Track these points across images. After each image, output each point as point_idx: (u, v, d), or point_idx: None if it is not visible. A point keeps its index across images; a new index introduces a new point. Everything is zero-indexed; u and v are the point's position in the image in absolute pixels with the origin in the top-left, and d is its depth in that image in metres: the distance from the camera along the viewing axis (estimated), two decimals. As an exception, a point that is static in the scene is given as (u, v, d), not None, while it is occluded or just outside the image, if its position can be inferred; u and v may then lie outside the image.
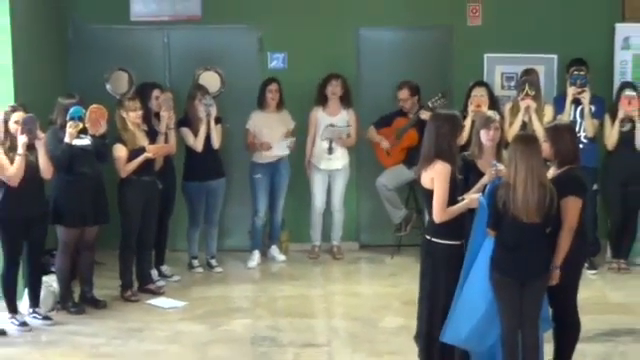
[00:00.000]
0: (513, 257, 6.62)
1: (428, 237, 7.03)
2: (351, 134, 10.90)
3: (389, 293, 9.76)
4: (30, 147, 8.40)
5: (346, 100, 10.89)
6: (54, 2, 10.82)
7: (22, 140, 8.31)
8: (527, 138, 6.90)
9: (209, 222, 10.54)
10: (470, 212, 6.92)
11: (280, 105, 10.74)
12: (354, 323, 8.80)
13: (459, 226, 6.94)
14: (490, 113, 8.09)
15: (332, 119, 10.84)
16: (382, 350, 8.05)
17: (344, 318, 9.03)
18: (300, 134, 10.86)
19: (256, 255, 10.86)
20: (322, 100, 10.87)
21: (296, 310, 9.24)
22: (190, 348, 8.19)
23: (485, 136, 7.49)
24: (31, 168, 8.43)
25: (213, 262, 10.64)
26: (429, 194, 6.93)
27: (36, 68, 9.82)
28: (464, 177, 7.28)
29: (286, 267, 10.88)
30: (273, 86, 10.65)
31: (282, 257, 11.06)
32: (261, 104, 10.72)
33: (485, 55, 11.17)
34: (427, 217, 7.34)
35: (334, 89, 10.79)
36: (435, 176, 6.86)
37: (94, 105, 8.98)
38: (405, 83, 10.80)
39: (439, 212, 6.85)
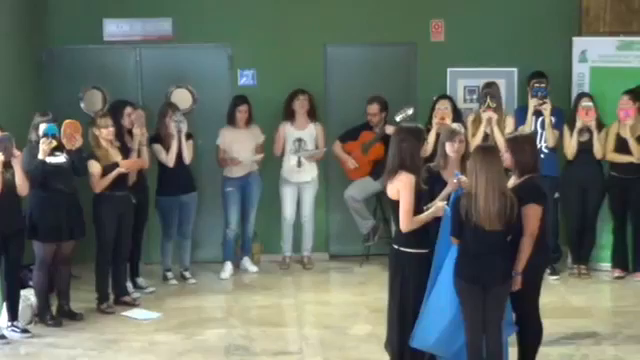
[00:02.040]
0: (475, 264, 6.76)
1: (396, 247, 7.15)
2: (319, 149, 11.06)
3: (358, 301, 9.87)
4: (6, 165, 8.46)
5: (313, 114, 11.04)
6: (28, 23, 10.85)
7: (-2, 158, 8.41)
8: (487, 149, 7.06)
9: (182, 235, 10.64)
10: (436, 221, 7.04)
11: (249, 121, 10.84)
12: (325, 331, 8.92)
13: (426, 235, 7.05)
14: (455, 126, 8.20)
15: (300, 133, 10.99)
16: (352, 357, 8.18)
17: (315, 326, 9.13)
18: (269, 148, 11.01)
19: (228, 266, 10.94)
20: (289, 115, 11.00)
21: (268, 319, 9.34)
22: (165, 358, 8.28)
23: (450, 148, 7.64)
24: (8, 185, 8.50)
25: (187, 274, 10.72)
26: (395, 204, 7.05)
27: (11, 88, 9.87)
28: (430, 188, 7.35)
29: (258, 278, 10.94)
30: (243, 107, 10.75)
31: (254, 268, 11.12)
32: (231, 121, 10.82)
33: (448, 69, 11.29)
34: (394, 227, 7.43)
35: (302, 103, 10.92)
36: (400, 187, 6.98)
37: (68, 120, 9.10)
38: (375, 98, 10.94)
39: (406, 221, 6.97)
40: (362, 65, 11.62)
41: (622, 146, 10.25)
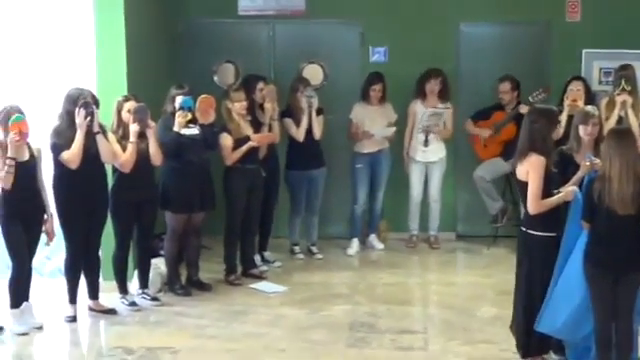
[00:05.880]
0: (607, 250, 6.63)
1: (524, 229, 7.11)
2: (447, 125, 10.99)
3: (484, 283, 9.80)
4: (141, 135, 8.66)
5: (445, 94, 10.96)
6: (165, -3, 11.09)
7: (134, 128, 8.59)
8: (622, 132, 6.92)
9: (310, 210, 10.70)
10: (565, 205, 6.96)
11: (383, 99, 10.84)
12: (450, 311, 8.89)
13: (555, 218, 6.98)
14: (590, 108, 8.05)
15: (430, 112, 10.91)
16: (476, 339, 8.10)
17: (440, 306, 9.13)
18: (400, 126, 10.95)
19: (355, 243, 11.00)
20: (421, 94, 10.95)
21: (394, 297, 9.33)
22: (291, 331, 8.33)
23: (583, 131, 7.47)
24: (142, 155, 8.69)
25: (314, 249, 10.80)
26: (524, 186, 7.01)
27: (148, 60, 10.01)
28: (562, 171, 7.27)
29: (384, 255, 10.96)
30: (377, 86, 10.73)
31: (381, 245, 11.15)
32: (365, 97, 10.85)
33: (583, 50, 11.11)
34: (523, 209, 7.38)
35: (432, 87, 10.86)
36: (530, 168, 6.95)
37: (203, 95, 9.22)
38: (507, 76, 10.85)
39: (533, 204, 6.93)
40: (495, 44, 11.51)
41: None
